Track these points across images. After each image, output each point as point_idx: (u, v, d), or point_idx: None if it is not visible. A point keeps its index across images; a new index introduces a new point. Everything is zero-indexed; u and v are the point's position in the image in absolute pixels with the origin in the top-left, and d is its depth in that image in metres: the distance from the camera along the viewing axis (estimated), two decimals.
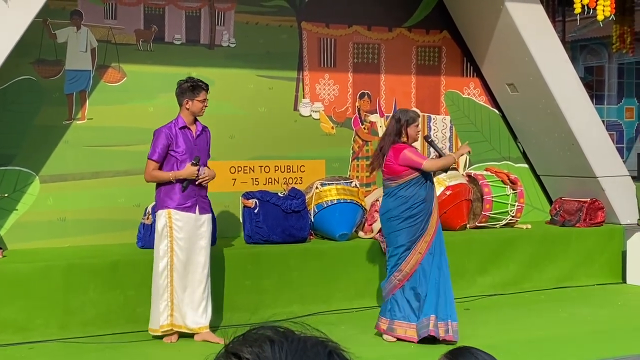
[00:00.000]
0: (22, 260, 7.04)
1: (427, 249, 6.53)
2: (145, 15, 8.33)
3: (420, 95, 9.73)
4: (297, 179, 8.93)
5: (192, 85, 6.58)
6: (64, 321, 6.82)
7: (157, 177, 6.56)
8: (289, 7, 9.01)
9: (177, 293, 6.44)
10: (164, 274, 6.42)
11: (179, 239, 6.42)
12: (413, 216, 6.52)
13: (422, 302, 6.49)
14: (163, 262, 6.42)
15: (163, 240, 6.43)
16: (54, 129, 7.86)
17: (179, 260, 6.42)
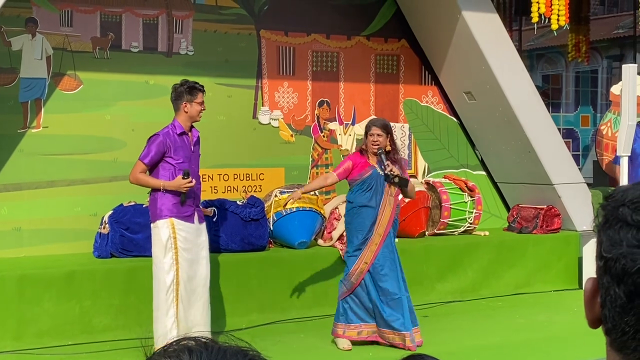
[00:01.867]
0: None
1: (374, 259, 6.51)
2: (102, 22, 8.26)
3: (379, 103, 9.77)
4: (256, 187, 8.90)
5: (189, 87, 6.24)
6: (18, 332, 6.72)
7: (143, 182, 6.17)
8: (247, 15, 8.99)
9: (182, 306, 6.12)
10: (170, 288, 6.06)
11: (183, 249, 6.10)
12: (357, 221, 6.59)
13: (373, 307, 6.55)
14: (169, 277, 6.05)
15: (168, 252, 6.05)
16: (9, 137, 7.75)
17: (185, 273, 6.09)
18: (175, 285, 6.09)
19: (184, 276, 6.12)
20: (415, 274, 8.49)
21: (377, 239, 6.51)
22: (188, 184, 6.04)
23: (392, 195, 6.58)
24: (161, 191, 6.10)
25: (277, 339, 6.98)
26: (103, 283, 7.07)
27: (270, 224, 8.15)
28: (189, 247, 6.16)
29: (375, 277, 6.52)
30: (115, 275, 7.10)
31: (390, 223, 6.57)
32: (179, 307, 6.13)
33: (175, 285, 6.09)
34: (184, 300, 6.15)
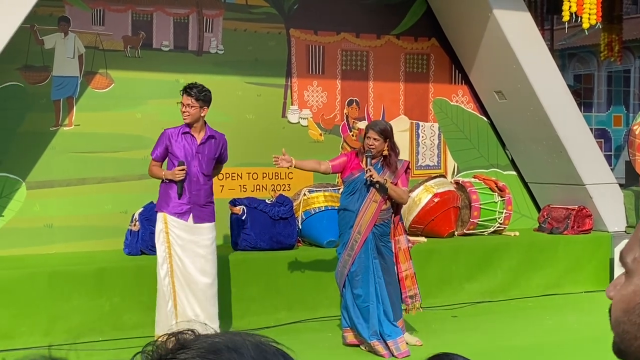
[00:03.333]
0: (8, 267, 7.01)
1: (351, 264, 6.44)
2: (133, 21, 8.32)
3: (408, 102, 9.74)
4: (285, 185, 8.92)
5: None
6: (49, 328, 6.79)
7: (153, 173, 6.58)
8: (277, 14, 9.01)
9: (180, 299, 6.33)
10: (166, 280, 6.35)
11: (176, 245, 6.35)
12: (340, 224, 6.59)
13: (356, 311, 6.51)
14: (164, 269, 6.35)
15: (161, 245, 6.38)
16: (41, 135, 7.83)
17: (178, 267, 6.32)
18: (171, 278, 6.33)
19: (178, 271, 6.33)
20: (444, 274, 8.47)
21: (354, 244, 6.44)
22: (179, 172, 6.31)
23: (376, 201, 6.39)
24: (164, 182, 6.44)
25: (305, 338, 6.98)
26: (133, 280, 7.12)
27: (299, 222, 8.16)
28: (182, 244, 6.36)
29: (351, 282, 6.48)
30: (145, 272, 7.13)
31: (369, 229, 6.38)
32: (177, 299, 6.33)
33: (171, 278, 6.33)
34: (183, 293, 6.33)
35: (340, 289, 6.58)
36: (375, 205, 6.39)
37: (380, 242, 6.45)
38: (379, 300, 6.43)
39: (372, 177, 6.26)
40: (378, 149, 6.37)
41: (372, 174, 6.26)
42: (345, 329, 6.64)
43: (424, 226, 8.92)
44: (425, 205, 8.87)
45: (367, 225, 6.38)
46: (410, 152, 9.70)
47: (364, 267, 6.41)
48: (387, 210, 6.48)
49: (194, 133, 6.46)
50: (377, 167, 6.40)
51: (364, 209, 6.38)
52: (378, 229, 6.43)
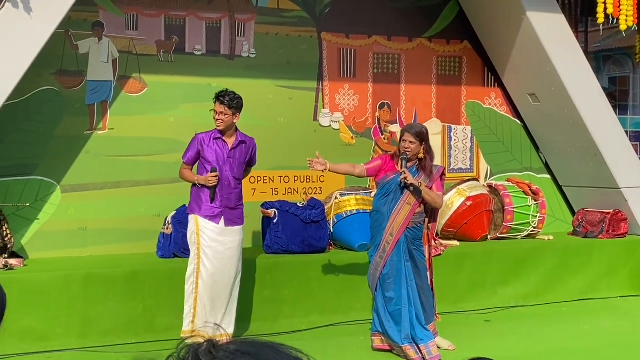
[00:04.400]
0: (43, 270, 7.08)
1: (383, 267, 6.42)
2: (166, 26, 8.38)
3: (440, 105, 9.70)
4: (316, 189, 8.92)
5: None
6: (83, 331, 6.85)
7: (185, 177, 6.65)
8: (309, 17, 9.03)
9: (201, 300, 6.41)
10: (190, 279, 6.42)
11: (205, 246, 6.40)
12: (373, 225, 6.55)
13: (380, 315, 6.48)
14: (190, 268, 6.43)
15: (192, 246, 6.46)
16: (76, 139, 7.91)
17: (206, 269, 6.39)
18: (195, 279, 6.40)
19: (204, 272, 6.39)
20: (477, 278, 8.41)
21: (386, 246, 6.41)
22: (212, 177, 6.38)
23: (410, 204, 6.35)
24: (196, 186, 6.50)
25: (337, 341, 6.97)
26: (166, 283, 7.16)
27: (330, 226, 8.15)
28: (213, 246, 6.42)
29: (383, 285, 6.44)
30: (178, 275, 7.14)
31: (401, 231, 6.34)
32: (197, 300, 6.40)
33: (195, 279, 6.40)
34: (205, 295, 6.40)
35: (372, 292, 6.56)
36: (408, 207, 6.36)
37: (412, 246, 6.42)
38: (410, 304, 6.40)
39: (407, 180, 6.23)
40: (414, 152, 6.33)
41: (406, 176, 6.24)
42: (373, 334, 6.61)
43: (456, 230, 8.88)
44: (457, 209, 8.83)
45: (399, 227, 6.35)
46: (442, 156, 9.66)
47: (396, 270, 6.38)
48: (420, 214, 6.44)
49: (225, 138, 6.52)
50: (412, 170, 6.37)
51: (397, 211, 6.36)
52: (410, 232, 6.40)
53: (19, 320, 6.57)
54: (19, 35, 6.90)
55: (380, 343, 6.55)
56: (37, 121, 7.75)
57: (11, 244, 7.28)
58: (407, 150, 6.32)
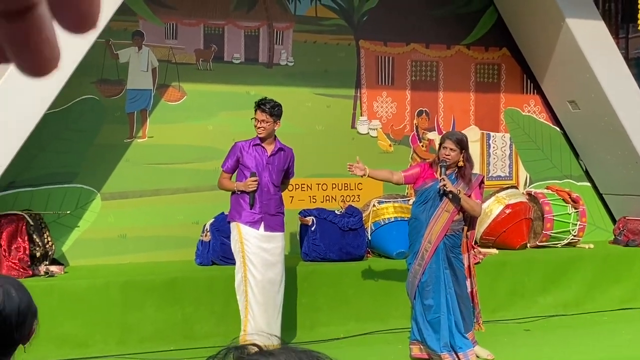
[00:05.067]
0: (83, 277, 7.16)
1: (422, 274, 6.38)
2: (205, 35, 8.44)
3: (479, 112, 9.65)
4: (354, 196, 8.91)
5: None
6: (122, 337, 6.90)
7: (224, 186, 6.70)
8: (347, 25, 9.04)
9: (252, 308, 6.45)
10: (240, 288, 6.48)
11: (250, 253, 6.45)
12: (411, 233, 6.53)
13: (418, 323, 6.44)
14: (238, 277, 6.48)
15: (237, 254, 6.51)
16: (115, 147, 8.00)
17: (253, 276, 6.43)
18: (244, 287, 6.44)
19: (251, 279, 6.42)
20: (516, 287, 8.34)
21: (424, 253, 6.37)
22: (251, 182, 6.44)
23: (449, 211, 6.31)
24: (236, 193, 6.55)
25: (374, 349, 6.95)
26: (204, 290, 7.20)
27: (368, 233, 8.14)
28: (256, 252, 6.46)
29: (422, 292, 6.41)
30: (217, 282, 7.21)
31: (439, 239, 6.31)
32: (248, 308, 6.44)
33: (244, 287, 6.44)
34: (257, 302, 6.43)
35: (411, 300, 6.54)
36: (447, 215, 6.33)
37: (451, 254, 6.39)
38: (449, 312, 6.37)
39: (446, 187, 6.21)
40: (453, 160, 6.30)
41: (445, 183, 6.21)
42: (411, 342, 6.58)
43: (495, 238, 8.82)
44: (496, 217, 8.77)
45: (437, 235, 6.33)
46: (481, 163, 9.60)
47: (435, 277, 6.35)
48: (458, 222, 6.41)
49: (265, 145, 6.58)
50: (451, 177, 6.34)
51: (435, 218, 6.33)
52: (449, 239, 6.37)
53: (58, 327, 6.65)
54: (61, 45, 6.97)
55: (418, 352, 6.52)
56: (77, 130, 7.84)
57: (52, 251, 7.37)
58: (447, 157, 6.29)
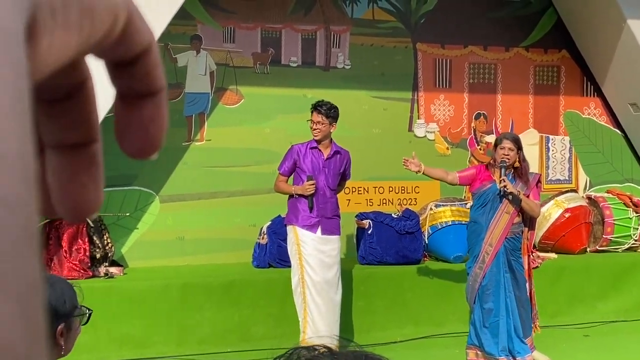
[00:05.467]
0: (142, 278, 7.25)
1: (482, 278, 6.31)
2: (262, 38, 8.49)
3: (538, 115, 9.53)
4: (411, 200, 8.88)
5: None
6: (180, 338, 6.97)
7: (281, 189, 6.71)
8: (404, 28, 9.01)
9: (310, 309, 6.47)
10: (297, 290, 6.51)
11: (306, 255, 6.48)
12: (470, 237, 6.47)
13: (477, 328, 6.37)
14: (295, 279, 6.51)
15: (294, 256, 6.54)
16: (174, 150, 8.09)
17: (310, 279, 6.45)
18: (302, 289, 6.45)
19: (309, 281, 6.44)
20: (575, 292, 8.22)
21: (485, 257, 6.30)
22: (309, 185, 6.44)
23: (509, 213, 6.24)
24: (294, 197, 6.57)
25: (431, 353, 6.91)
26: (261, 292, 7.24)
27: (425, 237, 8.10)
28: (313, 254, 6.47)
29: (482, 296, 6.33)
30: (273, 285, 7.24)
31: (500, 242, 6.23)
32: (307, 309, 6.45)
33: (302, 289, 6.45)
34: (315, 303, 6.43)
35: (470, 305, 6.48)
36: (507, 217, 6.26)
37: (511, 257, 6.33)
38: (509, 315, 6.30)
39: (506, 188, 6.15)
40: (512, 159, 6.24)
41: (506, 184, 6.15)
42: (468, 347, 6.52)
43: (554, 242, 8.70)
44: (555, 221, 8.65)
45: (498, 237, 6.27)
46: (540, 166, 9.48)
47: (495, 281, 6.30)
48: (518, 224, 6.35)
49: (321, 148, 6.59)
50: (509, 178, 6.29)
51: (496, 221, 6.27)
52: (509, 242, 6.31)
53: (118, 327, 6.75)
54: None
55: (474, 357, 6.46)
56: None
57: (112, 252, 7.49)
58: (506, 157, 6.23)
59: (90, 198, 0.38)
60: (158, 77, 0.38)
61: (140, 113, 0.39)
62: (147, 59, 0.37)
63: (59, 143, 0.38)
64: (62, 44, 0.31)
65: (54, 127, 0.37)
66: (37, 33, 0.29)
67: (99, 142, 0.40)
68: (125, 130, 0.39)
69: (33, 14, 0.29)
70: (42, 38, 0.30)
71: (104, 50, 0.35)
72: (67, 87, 0.37)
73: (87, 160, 0.39)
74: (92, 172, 0.39)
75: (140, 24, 0.36)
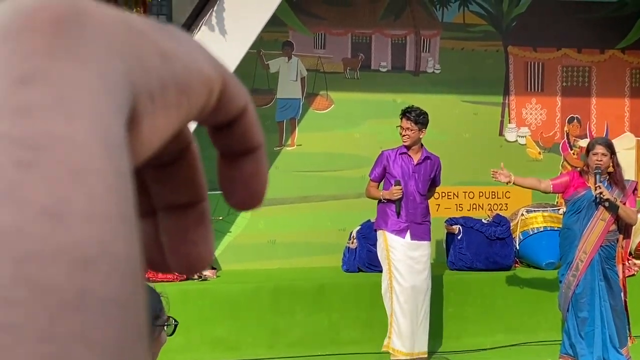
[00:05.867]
0: (234, 281, 7.39)
1: (575, 286, 6.17)
2: (353, 43, 8.55)
3: (635, 119, 9.30)
4: (502, 205, 8.78)
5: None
6: (271, 341, 7.08)
7: (371, 194, 6.78)
8: (495, 31, 8.92)
9: (396, 316, 6.51)
10: (386, 295, 6.58)
11: (395, 260, 6.52)
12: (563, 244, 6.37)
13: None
14: (384, 285, 6.58)
15: (383, 261, 6.60)
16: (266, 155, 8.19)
17: (399, 285, 6.50)
18: (390, 294, 6.51)
19: (397, 287, 6.49)
20: None
21: (579, 264, 6.16)
22: (396, 190, 6.47)
23: (604, 220, 6.09)
24: (382, 201, 6.63)
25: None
26: (351, 296, 7.28)
27: (516, 243, 8.00)
28: (402, 259, 6.51)
29: (575, 305, 6.20)
30: (363, 289, 7.28)
31: (595, 249, 6.10)
32: (394, 316, 6.50)
33: (390, 294, 6.51)
34: (402, 309, 6.47)
35: (563, 313, 6.39)
36: (602, 224, 6.15)
37: (605, 265, 6.21)
38: (604, 325, 6.19)
39: (602, 195, 6.03)
40: (605, 165, 6.12)
41: (602, 191, 6.04)
42: (561, 356, 6.42)
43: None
44: None
45: (593, 245, 6.16)
46: (636, 172, 9.24)
47: (589, 289, 6.19)
48: (614, 232, 6.22)
49: (411, 154, 6.62)
50: (604, 184, 6.17)
51: (590, 228, 6.16)
52: (604, 250, 6.19)
53: (211, 329, 6.90)
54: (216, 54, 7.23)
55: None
56: None
57: None
58: (599, 163, 6.11)
59: (201, 254, 0.40)
60: (256, 135, 0.40)
61: (242, 170, 0.40)
62: (244, 120, 0.38)
63: (169, 205, 0.40)
64: (163, 124, 0.32)
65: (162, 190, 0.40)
66: (139, 120, 0.30)
67: (206, 201, 0.41)
68: (230, 187, 0.41)
69: (133, 104, 0.30)
70: (143, 123, 0.31)
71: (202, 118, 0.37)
72: (172, 153, 0.39)
73: (195, 219, 0.40)
74: (201, 230, 0.40)
75: (235, 89, 0.37)
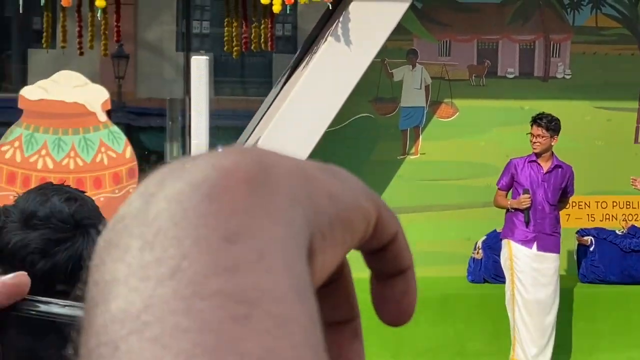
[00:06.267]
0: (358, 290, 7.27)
1: None
2: (479, 50, 8.40)
3: None
4: (637, 215, 8.43)
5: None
6: (396, 350, 7.03)
7: (499, 203, 6.72)
8: (630, 34, 8.58)
9: (518, 327, 6.42)
10: (509, 306, 6.51)
11: (518, 271, 6.42)
12: None
13: None
14: (507, 295, 6.52)
15: (507, 271, 6.53)
16: (389, 163, 8.17)
17: (521, 296, 6.41)
18: (512, 305, 6.42)
19: (519, 298, 6.38)
20: None
21: None
22: (524, 199, 6.35)
23: None
24: (510, 210, 6.54)
25: None
26: (477, 308, 7.15)
27: None
28: (526, 270, 6.39)
29: None
30: (489, 300, 7.13)
31: None
32: (516, 328, 6.41)
33: (512, 305, 6.42)
34: (524, 322, 6.36)
35: None
36: None
37: None
38: None
39: None
40: None
41: None
42: None
43: None
44: None
45: None
46: None
47: None
48: None
49: (540, 162, 6.48)
50: None
51: None
52: None
53: None
54: (340, 67, 7.27)
55: None
56: (353, 147, 8.10)
57: None
58: None
59: None
60: (406, 258, 0.43)
61: (393, 289, 0.44)
62: (396, 245, 0.42)
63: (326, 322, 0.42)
64: (330, 258, 0.37)
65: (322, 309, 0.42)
66: (313, 257, 0.34)
67: (359, 318, 0.45)
68: (382, 305, 0.44)
69: (309, 244, 0.34)
70: (316, 260, 0.35)
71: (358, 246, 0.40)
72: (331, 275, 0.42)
73: (350, 335, 0.44)
74: (355, 346, 0.44)
75: (387, 217, 0.40)
